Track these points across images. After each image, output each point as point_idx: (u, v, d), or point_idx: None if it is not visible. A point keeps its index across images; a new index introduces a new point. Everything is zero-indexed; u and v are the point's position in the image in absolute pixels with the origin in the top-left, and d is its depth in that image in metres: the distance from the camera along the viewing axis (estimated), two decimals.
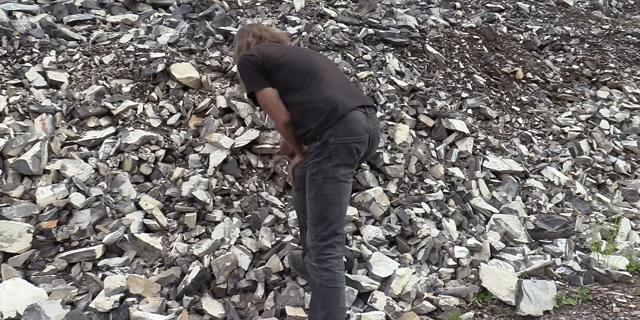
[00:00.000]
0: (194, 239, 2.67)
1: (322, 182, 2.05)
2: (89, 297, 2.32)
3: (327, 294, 2.04)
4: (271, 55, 2.18)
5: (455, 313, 2.50)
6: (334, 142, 2.02)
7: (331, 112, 2.02)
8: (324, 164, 2.04)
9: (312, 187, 2.07)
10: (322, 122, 2.02)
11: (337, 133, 2.02)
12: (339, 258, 2.10)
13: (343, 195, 2.09)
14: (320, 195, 2.06)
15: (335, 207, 2.08)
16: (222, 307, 2.38)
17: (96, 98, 3.29)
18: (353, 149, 2.05)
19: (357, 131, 2.05)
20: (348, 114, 2.04)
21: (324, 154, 2.04)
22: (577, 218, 3.55)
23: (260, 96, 2.15)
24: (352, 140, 2.04)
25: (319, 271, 2.05)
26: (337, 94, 2.09)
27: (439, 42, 4.99)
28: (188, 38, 3.99)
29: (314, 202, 2.08)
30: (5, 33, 3.81)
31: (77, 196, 2.67)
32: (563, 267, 3.06)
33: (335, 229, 2.08)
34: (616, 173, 4.21)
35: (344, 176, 2.07)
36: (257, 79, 2.15)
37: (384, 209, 3.04)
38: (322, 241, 2.07)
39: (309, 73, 2.13)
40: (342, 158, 2.04)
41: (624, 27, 6.87)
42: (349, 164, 2.07)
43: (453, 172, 3.52)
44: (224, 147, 3.01)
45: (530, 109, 4.83)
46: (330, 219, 2.06)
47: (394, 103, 3.83)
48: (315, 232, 2.08)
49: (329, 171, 2.04)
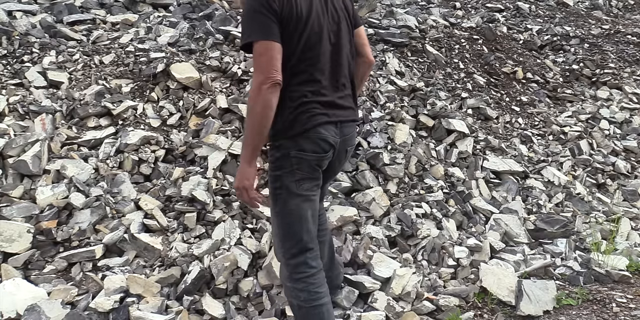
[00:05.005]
0: (194, 239, 2.67)
1: (286, 196, 1.86)
2: (89, 297, 2.32)
3: (308, 314, 1.88)
4: (294, 5, 1.74)
5: (455, 313, 2.50)
6: (296, 155, 1.81)
7: (305, 121, 1.78)
8: (286, 178, 1.84)
9: (277, 202, 1.89)
10: (288, 127, 1.79)
11: (299, 146, 1.81)
12: (315, 275, 1.90)
13: (309, 209, 1.91)
14: (286, 210, 1.88)
15: (302, 222, 1.89)
16: (222, 307, 2.38)
17: (96, 98, 3.29)
18: (314, 165, 1.86)
19: (321, 148, 1.84)
20: (314, 129, 1.81)
21: (285, 167, 1.84)
22: (577, 218, 3.55)
23: (257, 47, 1.69)
24: (315, 157, 1.84)
25: (295, 292, 1.89)
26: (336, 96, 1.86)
27: (439, 42, 4.99)
28: (188, 38, 3.99)
29: (279, 218, 1.90)
30: (5, 33, 3.81)
31: (77, 196, 2.67)
32: (563, 267, 3.06)
33: (305, 244, 1.90)
34: (616, 173, 4.21)
35: (308, 190, 1.88)
36: (265, 25, 1.69)
37: (384, 209, 3.04)
38: (292, 258, 1.90)
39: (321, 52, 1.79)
40: (305, 172, 1.85)
41: (624, 27, 6.87)
42: (313, 177, 1.89)
43: (453, 172, 3.52)
44: (221, 148, 3.01)
45: (530, 109, 4.83)
46: (298, 235, 1.89)
47: (394, 103, 3.83)
48: (284, 248, 1.91)
49: (291, 186, 1.85)
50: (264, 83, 1.66)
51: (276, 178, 1.87)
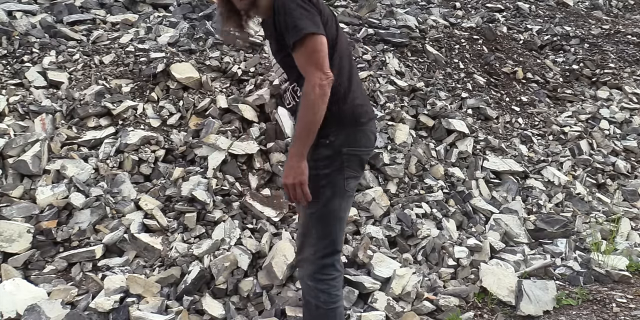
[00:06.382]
0: (194, 239, 2.67)
1: (330, 196, 1.81)
2: (89, 297, 2.32)
3: (326, 316, 1.87)
4: (324, 9, 1.73)
5: (455, 313, 2.50)
6: (347, 152, 1.80)
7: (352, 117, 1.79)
8: (335, 176, 1.80)
9: (318, 200, 1.81)
10: (334, 125, 1.76)
11: (351, 142, 1.80)
12: (338, 279, 1.90)
13: (347, 210, 1.93)
14: (326, 209, 1.83)
15: (341, 222, 1.90)
16: (222, 307, 2.38)
17: (96, 98, 3.29)
18: (364, 161, 1.90)
19: (371, 143, 1.90)
20: (369, 123, 1.85)
21: (334, 164, 1.80)
22: (577, 218, 3.55)
23: (317, 41, 1.63)
24: (366, 151, 1.88)
25: (315, 292, 1.86)
26: (358, 92, 1.86)
27: (439, 42, 4.99)
28: (188, 38, 3.98)
29: (316, 217, 1.84)
30: (5, 33, 3.81)
31: (77, 196, 2.67)
32: (563, 267, 3.06)
33: (337, 246, 1.90)
34: (616, 173, 4.21)
35: (352, 189, 1.89)
36: (315, 19, 1.63)
37: (384, 209, 3.04)
38: (322, 258, 1.86)
39: (336, 48, 1.78)
40: (353, 170, 1.84)
41: (624, 27, 6.88)
42: (358, 175, 1.90)
43: (453, 172, 3.52)
44: (221, 148, 3.01)
45: (530, 109, 4.83)
46: (332, 236, 1.87)
47: (393, 103, 3.83)
48: (316, 247, 1.86)
49: (339, 185, 1.81)
50: (323, 79, 1.64)
51: (323, 176, 1.80)
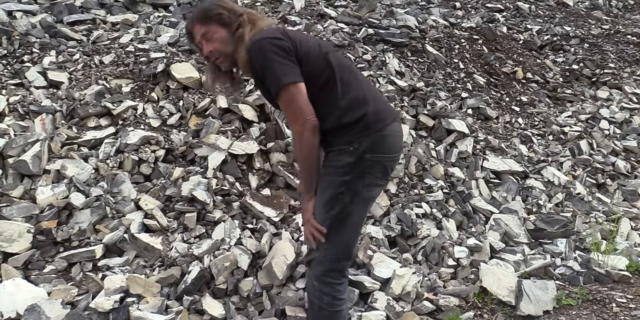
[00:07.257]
0: (194, 239, 2.67)
1: (348, 201, 1.79)
2: (89, 297, 2.32)
3: (329, 318, 1.87)
4: (301, 42, 1.77)
5: (455, 313, 2.51)
6: (371, 158, 1.77)
7: (375, 122, 1.77)
8: (355, 182, 1.78)
9: (336, 206, 1.79)
10: (358, 132, 1.76)
11: (375, 148, 1.77)
12: (343, 284, 1.89)
13: (365, 217, 1.91)
14: (344, 216, 1.80)
15: (357, 229, 1.89)
16: (222, 307, 2.38)
17: (96, 98, 3.29)
18: (388, 168, 1.84)
19: (396, 148, 1.85)
20: (392, 124, 1.81)
21: (355, 171, 1.77)
22: (577, 218, 3.55)
23: (291, 91, 1.71)
24: (390, 158, 1.83)
25: (320, 293, 1.86)
26: (374, 98, 1.84)
27: (439, 42, 4.99)
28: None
29: (334, 222, 1.81)
30: (5, 33, 3.81)
31: (77, 196, 2.67)
32: (563, 267, 3.06)
33: (351, 252, 1.89)
34: (616, 173, 4.21)
35: (373, 198, 1.88)
36: (291, 69, 1.71)
37: (384, 209, 3.04)
38: (334, 262, 1.85)
39: (333, 66, 1.79)
40: (375, 177, 1.81)
41: (624, 27, 6.88)
42: (381, 183, 1.86)
43: (453, 172, 3.52)
44: (221, 148, 3.01)
45: (530, 109, 4.83)
46: (349, 241, 1.86)
47: (394, 103, 3.83)
48: (330, 250, 1.84)
49: (359, 191, 1.79)
50: (311, 127, 1.72)
51: (343, 183, 1.79)
